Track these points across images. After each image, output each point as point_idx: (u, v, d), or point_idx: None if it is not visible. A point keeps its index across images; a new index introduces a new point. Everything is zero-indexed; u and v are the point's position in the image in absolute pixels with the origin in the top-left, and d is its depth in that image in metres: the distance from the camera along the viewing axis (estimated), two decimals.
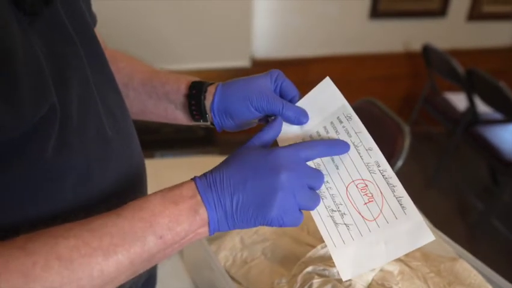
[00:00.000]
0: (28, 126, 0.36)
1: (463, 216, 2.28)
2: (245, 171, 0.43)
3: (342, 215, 0.48)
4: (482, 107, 2.24)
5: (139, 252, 0.39)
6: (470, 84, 2.21)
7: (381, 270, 0.59)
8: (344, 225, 0.48)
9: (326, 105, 0.53)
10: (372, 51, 2.77)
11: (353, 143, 0.50)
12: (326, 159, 0.51)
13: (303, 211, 0.47)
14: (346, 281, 0.55)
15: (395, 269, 0.60)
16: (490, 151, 2.10)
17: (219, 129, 0.59)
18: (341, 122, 0.52)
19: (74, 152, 0.42)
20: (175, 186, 0.44)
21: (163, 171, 1.14)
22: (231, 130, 0.59)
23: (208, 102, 0.57)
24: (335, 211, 0.48)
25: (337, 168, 0.50)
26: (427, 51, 2.52)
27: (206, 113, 0.58)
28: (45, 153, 0.39)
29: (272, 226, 0.44)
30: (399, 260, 0.64)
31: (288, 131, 0.54)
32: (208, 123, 0.59)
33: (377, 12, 2.64)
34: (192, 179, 0.45)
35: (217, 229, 0.43)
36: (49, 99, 0.38)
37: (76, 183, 0.43)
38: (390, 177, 0.47)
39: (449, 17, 2.77)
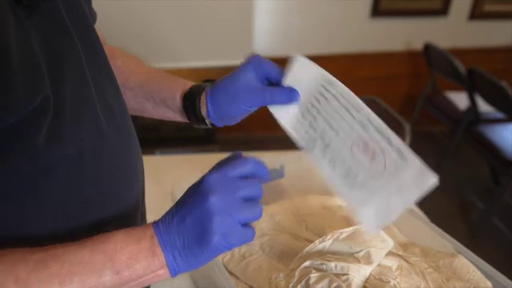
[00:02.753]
0: (20, 116, 0.37)
1: (463, 216, 2.27)
2: (183, 206, 0.44)
3: (355, 176, 0.49)
4: (484, 106, 2.23)
5: (94, 284, 0.40)
6: (472, 84, 2.21)
7: (379, 265, 0.58)
8: (359, 185, 0.49)
9: (308, 79, 0.56)
10: (374, 50, 2.77)
11: (344, 107, 0.52)
12: (323, 128, 0.53)
13: None
14: (343, 274, 0.55)
15: (393, 264, 0.60)
16: (491, 150, 2.10)
17: (221, 126, 0.61)
18: (327, 90, 0.54)
19: (67, 144, 0.43)
20: (142, 226, 0.44)
21: (163, 168, 1.14)
22: (233, 124, 0.61)
23: (203, 110, 0.59)
24: (349, 175, 0.50)
25: (337, 135, 0.51)
26: (428, 50, 2.52)
27: (204, 119, 0.59)
28: (36, 143, 0.39)
29: (222, 252, 0.43)
30: (397, 255, 0.64)
31: (286, 111, 0.57)
32: (209, 126, 0.61)
33: (378, 11, 2.64)
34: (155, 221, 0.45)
35: (178, 270, 0.43)
36: (42, 91, 0.38)
37: (68, 175, 0.44)
38: (384, 130, 0.48)
39: (451, 16, 2.76)
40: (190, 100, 0.58)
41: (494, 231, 2.08)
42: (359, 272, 0.55)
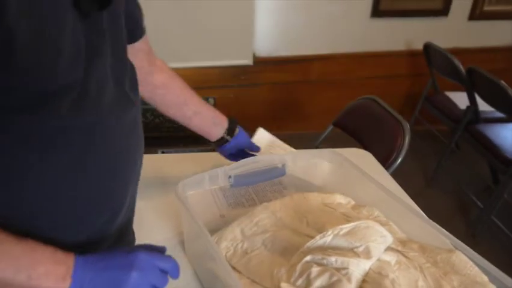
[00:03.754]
0: (60, 85, 0.47)
1: (463, 214, 2.29)
2: (111, 260, 0.53)
3: None
4: (484, 106, 2.24)
5: (7, 277, 0.47)
6: (471, 83, 2.22)
7: (379, 260, 0.60)
8: None
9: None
10: (374, 50, 2.78)
11: None
12: None
13: None
14: (343, 268, 0.56)
15: (392, 259, 0.62)
16: (490, 150, 2.11)
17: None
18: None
19: (85, 117, 0.53)
20: (67, 253, 0.52)
21: (166, 165, 1.16)
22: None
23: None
24: None
25: None
26: (428, 49, 2.53)
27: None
28: (60, 109, 0.49)
29: None
30: (396, 251, 0.65)
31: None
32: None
33: (378, 11, 2.65)
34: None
35: None
36: (75, 75, 0.49)
37: (79, 144, 0.53)
38: None
39: (451, 16, 2.78)
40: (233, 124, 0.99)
41: (494, 230, 2.09)
42: (358, 266, 0.57)
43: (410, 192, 1.03)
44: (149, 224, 0.92)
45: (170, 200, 0.97)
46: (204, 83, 2.56)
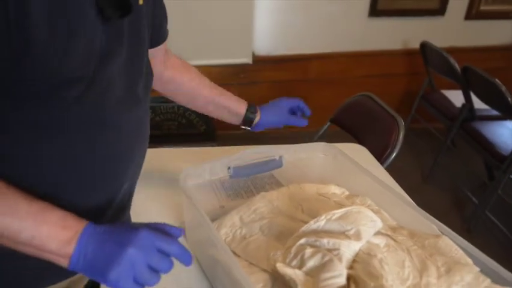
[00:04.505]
0: (69, 78, 0.51)
1: (459, 210, 2.33)
2: (114, 233, 0.53)
3: None
4: (480, 104, 2.28)
5: (11, 232, 0.49)
6: (466, 81, 2.26)
7: (368, 242, 0.64)
8: None
9: None
10: (372, 49, 2.82)
11: None
12: None
13: None
14: (335, 249, 0.61)
15: (381, 242, 0.66)
16: (485, 147, 2.15)
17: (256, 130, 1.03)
18: None
19: (92, 110, 0.56)
20: (78, 219, 0.53)
21: (166, 159, 1.20)
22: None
23: (256, 119, 1.00)
24: None
25: None
26: (425, 48, 2.57)
27: (251, 124, 1.01)
28: (68, 98, 0.52)
29: (108, 286, 0.52)
30: (386, 234, 0.69)
31: None
32: (249, 129, 1.02)
33: (376, 10, 2.69)
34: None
35: (74, 268, 0.51)
36: (85, 72, 0.53)
37: (86, 133, 0.57)
38: None
39: (448, 15, 2.81)
40: (252, 111, 0.99)
41: (488, 224, 2.14)
42: (349, 248, 0.61)
43: (407, 189, 1.05)
44: (152, 214, 0.96)
45: (172, 192, 1.01)
46: None
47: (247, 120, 0.99)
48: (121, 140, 0.64)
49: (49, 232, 0.50)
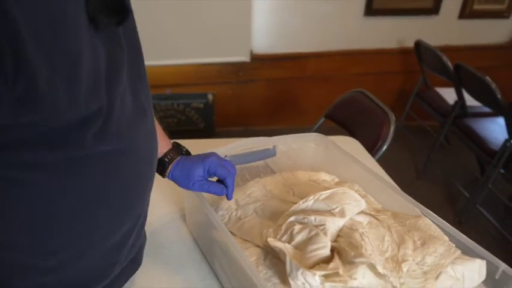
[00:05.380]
0: (82, 116, 0.44)
1: (451, 204, 2.39)
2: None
3: None
4: (472, 101, 2.34)
5: None
6: (459, 79, 2.32)
7: (352, 219, 0.70)
8: None
9: None
10: (367, 48, 2.88)
11: None
12: None
13: None
14: (321, 225, 0.67)
15: (364, 220, 0.72)
16: (477, 142, 2.21)
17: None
18: None
19: (109, 144, 0.50)
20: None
21: None
22: None
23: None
24: None
25: None
26: (419, 47, 2.63)
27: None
28: (85, 139, 0.46)
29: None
30: (369, 214, 0.75)
31: None
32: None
33: (371, 10, 2.75)
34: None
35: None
36: (100, 100, 0.46)
37: (104, 168, 0.51)
38: None
39: (442, 15, 2.87)
40: (162, 166, 0.78)
41: (479, 217, 2.20)
42: (333, 223, 0.67)
43: (401, 184, 1.09)
44: (154, 200, 1.02)
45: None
46: (204, 79, 2.66)
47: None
48: (139, 162, 0.59)
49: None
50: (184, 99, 2.69)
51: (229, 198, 0.76)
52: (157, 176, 0.75)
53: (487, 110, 2.29)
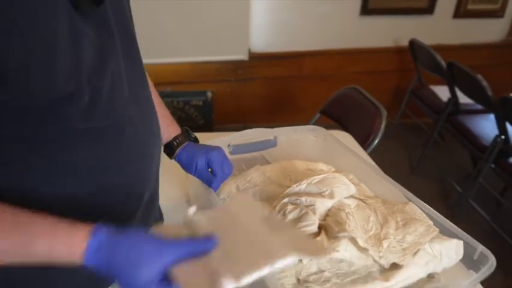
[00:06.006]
0: (60, 95, 0.47)
1: (444, 199, 2.46)
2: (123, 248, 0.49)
3: None
4: (465, 99, 2.39)
5: (25, 240, 0.47)
6: (451, 77, 2.38)
7: (340, 201, 0.76)
8: None
9: None
10: (363, 47, 2.93)
11: None
12: None
13: None
14: (311, 205, 0.73)
15: (352, 203, 0.78)
16: (469, 138, 2.27)
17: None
18: None
19: (98, 121, 0.54)
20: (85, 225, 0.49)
21: None
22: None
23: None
24: None
25: None
26: (413, 46, 2.69)
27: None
28: (73, 117, 0.50)
29: None
30: (358, 198, 0.82)
31: None
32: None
33: (367, 9, 2.79)
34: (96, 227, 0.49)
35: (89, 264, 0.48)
36: (79, 84, 0.48)
37: (94, 145, 0.55)
38: None
39: (436, 14, 2.92)
40: (170, 149, 0.84)
41: (470, 211, 2.27)
42: (322, 204, 0.73)
43: (395, 179, 1.14)
44: (162, 186, 1.08)
45: (178, 167, 1.12)
46: (202, 77, 2.71)
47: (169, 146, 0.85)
48: (138, 135, 0.62)
49: (64, 245, 0.47)
50: (183, 97, 2.74)
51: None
52: (166, 166, 0.81)
53: (479, 107, 2.35)
